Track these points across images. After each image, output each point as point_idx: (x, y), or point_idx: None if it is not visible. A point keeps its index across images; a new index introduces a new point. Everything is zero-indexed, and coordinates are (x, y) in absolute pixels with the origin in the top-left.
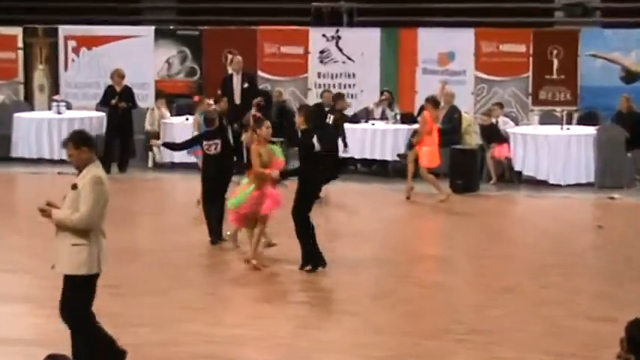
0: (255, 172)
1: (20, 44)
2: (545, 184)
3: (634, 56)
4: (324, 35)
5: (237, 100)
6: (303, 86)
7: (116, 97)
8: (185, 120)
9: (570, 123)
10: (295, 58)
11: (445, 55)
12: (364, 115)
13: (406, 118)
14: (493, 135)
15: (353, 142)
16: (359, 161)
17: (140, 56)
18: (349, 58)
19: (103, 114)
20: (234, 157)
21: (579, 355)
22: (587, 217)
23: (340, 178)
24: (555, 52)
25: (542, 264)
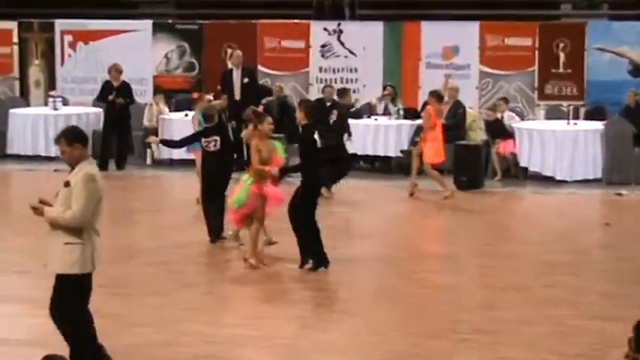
0: (255, 168)
1: (15, 39)
2: (552, 180)
3: None
4: (325, 29)
5: (237, 96)
6: (304, 81)
7: (114, 93)
8: (184, 116)
9: (577, 118)
10: (296, 52)
11: (449, 49)
12: (367, 111)
13: (409, 113)
14: (498, 130)
15: (355, 138)
16: (361, 157)
17: (138, 51)
18: (351, 52)
19: (100, 110)
20: (234, 153)
21: (586, 355)
22: (595, 214)
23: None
24: (562, 45)
25: (548, 262)
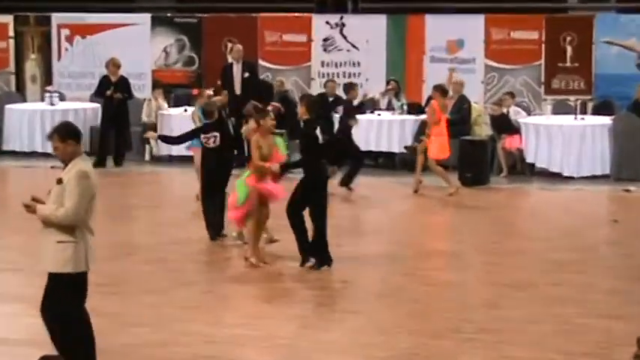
0: (255, 165)
1: (11, 33)
2: (559, 176)
3: None
4: (327, 22)
5: (238, 91)
6: (306, 75)
7: (111, 88)
8: (183, 111)
9: (584, 113)
10: (298, 46)
11: (454, 43)
12: (370, 106)
13: (413, 108)
14: (504, 125)
15: (358, 133)
16: (364, 153)
17: (136, 45)
18: (354, 46)
19: (97, 105)
20: (234, 149)
21: (592, 354)
22: (602, 210)
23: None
24: (569, 38)
25: (555, 259)
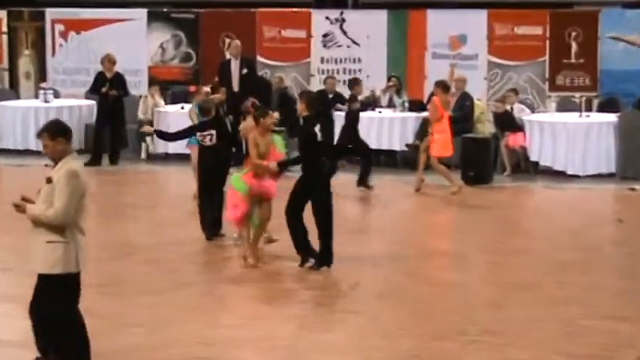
0: (253, 163)
1: (4, 28)
2: (563, 174)
3: None
4: (327, 18)
5: (236, 88)
6: (305, 72)
7: (107, 85)
8: (180, 108)
9: (590, 110)
10: (297, 42)
11: (456, 38)
12: (370, 103)
13: (415, 105)
14: (507, 123)
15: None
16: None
17: (132, 41)
18: (354, 41)
19: (93, 102)
20: (232, 148)
21: (597, 356)
22: (607, 209)
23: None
24: (574, 34)
25: (559, 259)
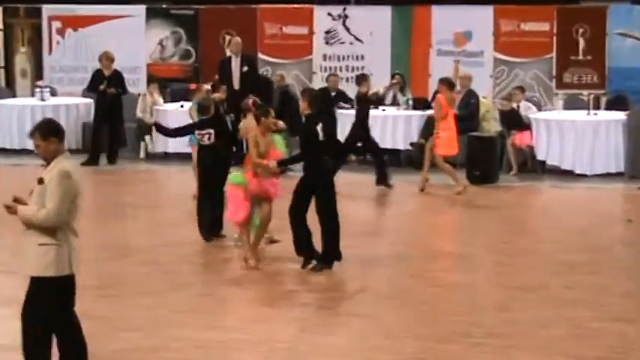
0: (253, 162)
1: (0, 25)
2: (571, 174)
3: None
4: (329, 14)
5: (236, 85)
6: (307, 69)
7: (105, 82)
8: (180, 107)
9: (598, 108)
10: (299, 38)
11: (461, 35)
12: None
13: (419, 103)
14: (514, 121)
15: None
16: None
17: (131, 38)
18: (357, 38)
19: (90, 100)
20: (232, 147)
21: (605, 359)
22: (616, 209)
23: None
24: (581, 30)
25: (567, 261)
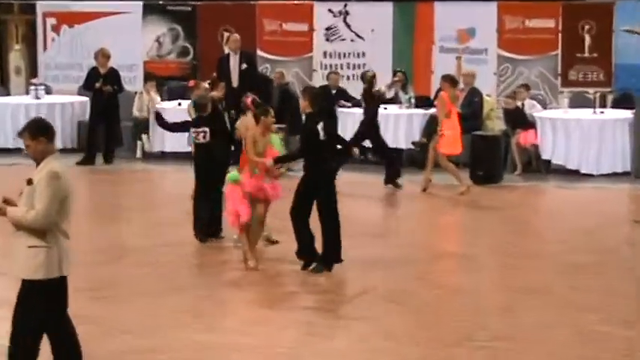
0: (250, 161)
1: None
2: (577, 173)
3: None
4: (330, 10)
5: (235, 83)
6: (307, 67)
7: (101, 80)
8: (177, 105)
9: (604, 106)
10: (299, 35)
11: (465, 32)
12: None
13: (421, 101)
14: (518, 120)
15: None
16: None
17: (127, 35)
18: (358, 35)
19: (86, 99)
20: (230, 146)
21: None
22: (622, 209)
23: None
24: (587, 27)
25: (573, 262)
